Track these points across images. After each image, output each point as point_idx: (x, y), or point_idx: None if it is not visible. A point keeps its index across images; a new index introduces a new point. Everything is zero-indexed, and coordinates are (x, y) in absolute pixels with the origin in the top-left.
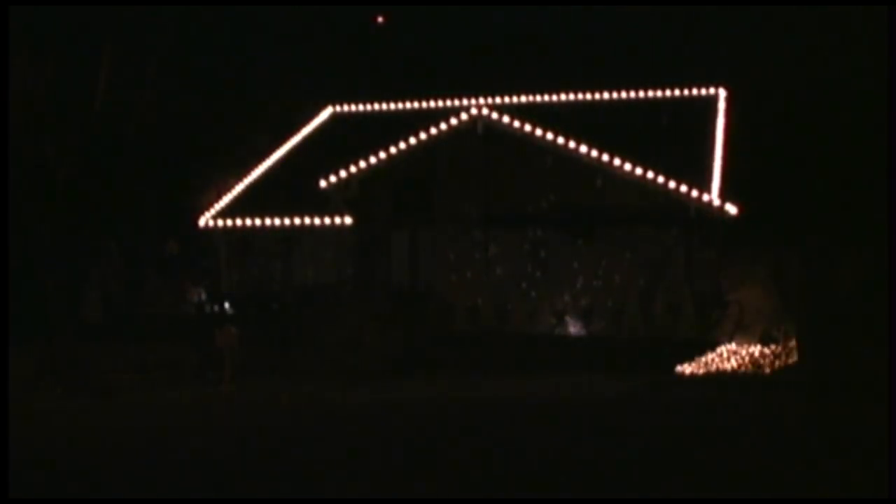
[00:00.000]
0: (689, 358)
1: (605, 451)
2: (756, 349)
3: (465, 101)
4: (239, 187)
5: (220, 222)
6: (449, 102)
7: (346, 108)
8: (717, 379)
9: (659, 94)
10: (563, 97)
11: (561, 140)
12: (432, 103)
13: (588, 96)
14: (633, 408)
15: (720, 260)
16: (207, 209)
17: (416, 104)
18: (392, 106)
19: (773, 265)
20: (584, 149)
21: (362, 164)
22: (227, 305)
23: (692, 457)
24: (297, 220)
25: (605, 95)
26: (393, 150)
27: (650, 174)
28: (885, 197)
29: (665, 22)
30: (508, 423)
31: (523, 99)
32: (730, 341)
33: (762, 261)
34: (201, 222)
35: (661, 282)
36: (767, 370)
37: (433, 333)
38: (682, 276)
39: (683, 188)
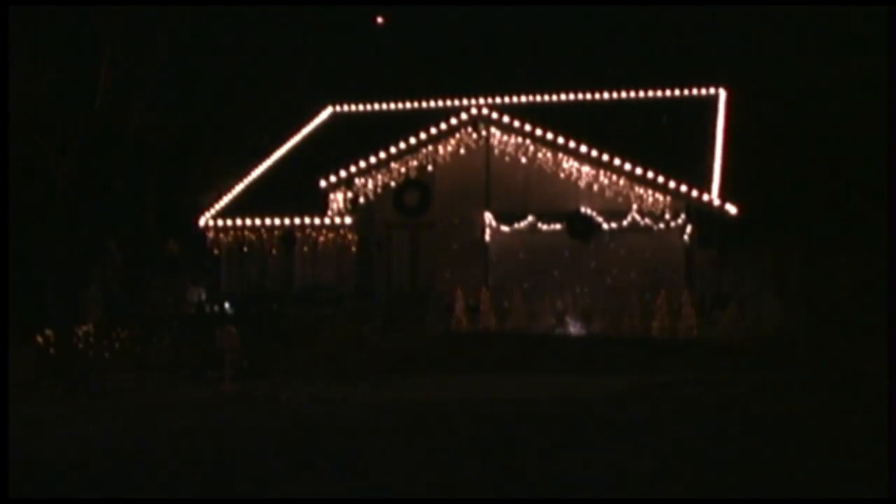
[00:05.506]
0: (689, 357)
1: (604, 451)
2: (757, 347)
3: (465, 101)
4: (239, 187)
5: (220, 222)
6: (449, 102)
7: (346, 108)
8: (718, 378)
9: (659, 94)
10: (563, 97)
11: (561, 140)
12: (432, 103)
13: (588, 96)
14: (633, 408)
15: (720, 260)
16: (207, 209)
17: (416, 104)
18: (392, 106)
19: (773, 265)
20: (584, 149)
21: (362, 164)
22: (227, 305)
23: (692, 457)
24: (297, 220)
25: (605, 95)
26: (393, 150)
27: (650, 174)
28: (884, 196)
29: (665, 22)
30: (508, 422)
31: (523, 99)
32: (730, 341)
33: (762, 261)
34: (201, 222)
35: (661, 282)
36: (768, 369)
37: (433, 333)
38: (682, 276)
39: (683, 188)
